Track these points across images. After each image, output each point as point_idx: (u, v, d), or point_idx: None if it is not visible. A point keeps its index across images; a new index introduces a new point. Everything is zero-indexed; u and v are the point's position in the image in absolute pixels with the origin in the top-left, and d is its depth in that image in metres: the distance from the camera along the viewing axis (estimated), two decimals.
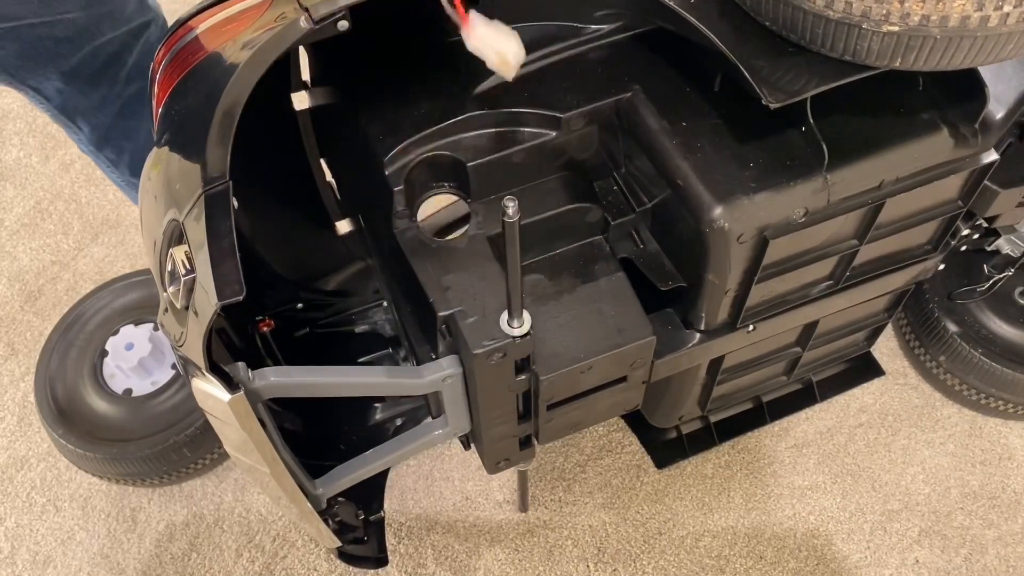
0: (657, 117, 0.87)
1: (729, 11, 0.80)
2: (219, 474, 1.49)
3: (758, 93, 0.74)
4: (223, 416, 0.78)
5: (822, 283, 1.00)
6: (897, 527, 1.41)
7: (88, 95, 1.17)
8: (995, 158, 0.91)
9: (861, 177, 0.86)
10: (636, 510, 1.43)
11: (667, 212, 0.90)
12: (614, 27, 0.92)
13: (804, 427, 1.50)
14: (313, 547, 1.41)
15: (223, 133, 0.76)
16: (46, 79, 1.13)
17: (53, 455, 1.51)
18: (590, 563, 1.38)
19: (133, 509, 1.47)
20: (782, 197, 0.83)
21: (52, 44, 1.07)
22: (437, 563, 1.39)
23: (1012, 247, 1.32)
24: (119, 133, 1.25)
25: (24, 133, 1.97)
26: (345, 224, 1.26)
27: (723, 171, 0.83)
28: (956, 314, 1.44)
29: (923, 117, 0.87)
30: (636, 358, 0.90)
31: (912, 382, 1.54)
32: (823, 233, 0.90)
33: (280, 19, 0.79)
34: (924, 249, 1.03)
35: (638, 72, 0.90)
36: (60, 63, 1.10)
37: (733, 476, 1.45)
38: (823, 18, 0.71)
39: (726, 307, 0.95)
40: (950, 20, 0.67)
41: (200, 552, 1.42)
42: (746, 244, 0.85)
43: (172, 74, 0.88)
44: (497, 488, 1.46)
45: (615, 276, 0.89)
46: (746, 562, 1.38)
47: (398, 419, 1.24)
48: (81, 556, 1.43)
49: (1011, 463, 1.46)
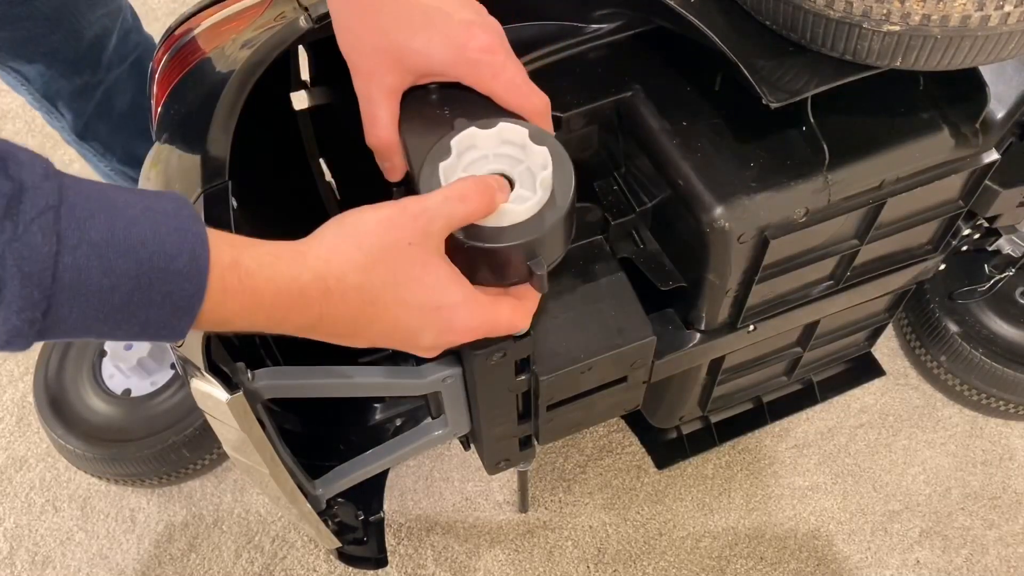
0: (657, 117, 0.87)
1: (729, 10, 0.80)
2: (218, 475, 1.48)
3: (758, 93, 0.74)
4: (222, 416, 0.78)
5: (823, 283, 1.00)
6: (898, 527, 1.40)
7: (70, 79, 1.17)
8: (996, 158, 0.90)
9: (862, 177, 0.85)
10: (636, 511, 1.43)
11: (667, 212, 0.90)
12: (614, 27, 0.91)
13: (805, 427, 1.50)
14: (312, 547, 1.41)
15: (222, 132, 0.76)
16: (28, 61, 1.12)
17: (52, 455, 1.51)
18: (590, 564, 1.38)
19: (132, 509, 1.46)
20: (783, 197, 0.83)
21: (32, 24, 1.07)
22: (437, 564, 1.39)
23: (1013, 247, 1.32)
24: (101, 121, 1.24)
25: (24, 133, 1.96)
26: None
27: (723, 171, 0.83)
28: (957, 314, 1.44)
29: (924, 117, 0.87)
30: (636, 358, 0.90)
31: (913, 382, 1.54)
32: (824, 233, 0.90)
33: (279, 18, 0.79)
34: (925, 249, 1.03)
35: (638, 72, 0.90)
36: (41, 43, 1.10)
37: (734, 477, 1.45)
38: (823, 17, 0.71)
39: (727, 307, 0.94)
40: (951, 20, 0.67)
41: (199, 552, 1.42)
42: (747, 244, 0.84)
43: (171, 73, 0.88)
44: (497, 489, 1.45)
45: (615, 276, 0.89)
46: (747, 563, 1.38)
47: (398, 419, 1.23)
48: (80, 556, 1.43)
49: (1012, 463, 1.46)
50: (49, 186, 0.44)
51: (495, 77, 0.65)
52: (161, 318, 0.49)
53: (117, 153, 1.31)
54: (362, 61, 0.64)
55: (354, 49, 0.64)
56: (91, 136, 1.27)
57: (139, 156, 0.86)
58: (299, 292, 0.54)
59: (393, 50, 0.63)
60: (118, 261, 0.46)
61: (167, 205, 0.49)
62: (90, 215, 0.45)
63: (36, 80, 1.16)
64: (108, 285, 0.46)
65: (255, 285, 0.52)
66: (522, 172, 0.65)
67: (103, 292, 0.46)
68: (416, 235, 0.57)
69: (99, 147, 1.29)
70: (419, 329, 0.60)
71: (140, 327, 0.49)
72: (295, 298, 0.54)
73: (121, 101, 1.24)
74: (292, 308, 0.55)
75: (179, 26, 0.91)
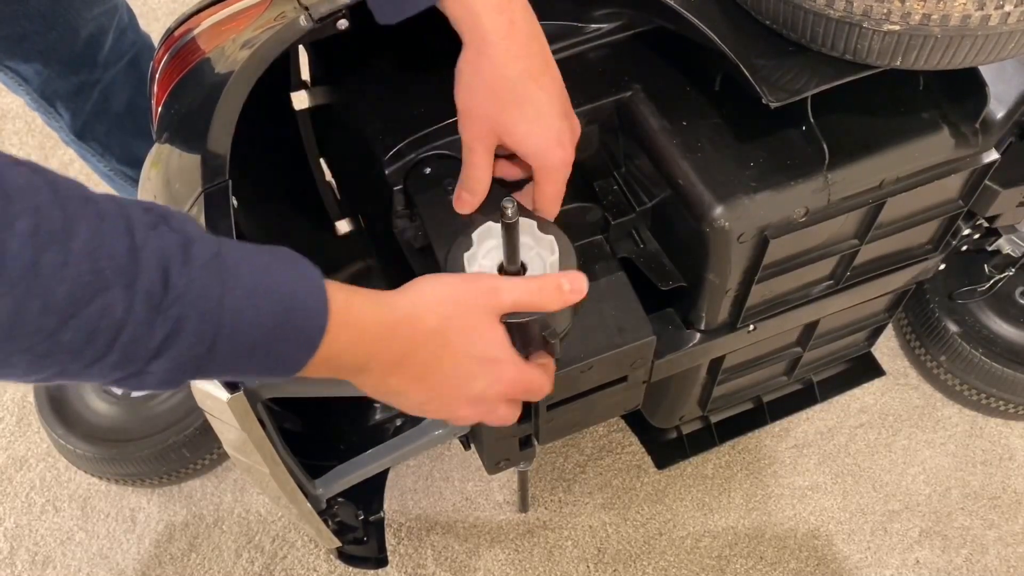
0: (657, 116, 0.87)
1: (729, 10, 0.80)
2: (218, 475, 1.48)
3: (758, 92, 0.74)
4: (222, 416, 0.78)
5: (823, 283, 1.00)
6: (898, 527, 1.40)
7: (67, 78, 1.17)
8: (996, 158, 0.90)
9: (862, 176, 0.85)
10: (636, 510, 1.43)
11: (667, 212, 0.90)
12: (614, 26, 0.92)
13: (805, 427, 1.50)
14: (313, 547, 1.41)
15: (222, 132, 0.76)
16: (24, 60, 1.12)
17: (52, 455, 1.51)
18: (590, 563, 1.38)
19: (132, 509, 1.46)
20: (782, 196, 0.83)
21: (27, 22, 1.07)
22: (437, 563, 1.39)
23: (1013, 247, 1.32)
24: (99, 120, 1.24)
25: (24, 133, 1.96)
26: (345, 224, 1.26)
27: (723, 171, 0.83)
28: (957, 314, 1.44)
29: (923, 116, 0.87)
30: (636, 358, 0.90)
31: (913, 382, 1.54)
32: (824, 233, 0.90)
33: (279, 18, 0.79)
34: (925, 249, 1.03)
35: (638, 71, 0.90)
36: (37, 41, 1.10)
37: (733, 476, 1.45)
38: (824, 17, 0.71)
39: (726, 307, 0.95)
40: (951, 19, 0.67)
41: (199, 552, 1.42)
42: (746, 244, 0.85)
43: (172, 73, 0.88)
44: (497, 489, 1.45)
45: (615, 276, 0.89)
46: (746, 562, 1.38)
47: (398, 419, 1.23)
48: (80, 556, 1.43)
49: (1012, 463, 1.46)
50: (209, 237, 0.52)
51: (552, 183, 0.77)
52: (288, 351, 0.56)
53: (115, 153, 1.31)
54: (473, 119, 0.75)
55: (469, 109, 0.75)
56: (89, 136, 1.27)
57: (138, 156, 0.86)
58: (392, 326, 0.63)
59: (499, 125, 0.75)
60: (263, 302, 0.53)
61: (285, 254, 0.57)
62: (239, 262, 0.53)
63: (33, 80, 1.16)
64: (256, 323, 0.53)
65: (362, 320, 0.61)
66: (532, 257, 0.76)
67: (252, 329, 0.53)
68: (486, 301, 0.67)
69: (97, 147, 1.29)
70: (475, 376, 0.69)
71: (272, 362, 0.56)
72: (389, 330, 0.63)
73: (118, 100, 1.24)
74: (386, 341, 0.63)
75: (179, 26, 0.91)
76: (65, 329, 0.46)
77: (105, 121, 1.26)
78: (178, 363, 0.51)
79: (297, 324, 0.55)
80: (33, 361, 0.47)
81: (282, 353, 0.56)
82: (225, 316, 0.51)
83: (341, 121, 1.03)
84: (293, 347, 0.56)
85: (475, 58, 0.72)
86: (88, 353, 0.47)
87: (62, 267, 0.44)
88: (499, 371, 0.70)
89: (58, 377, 0.49)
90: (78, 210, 0.46)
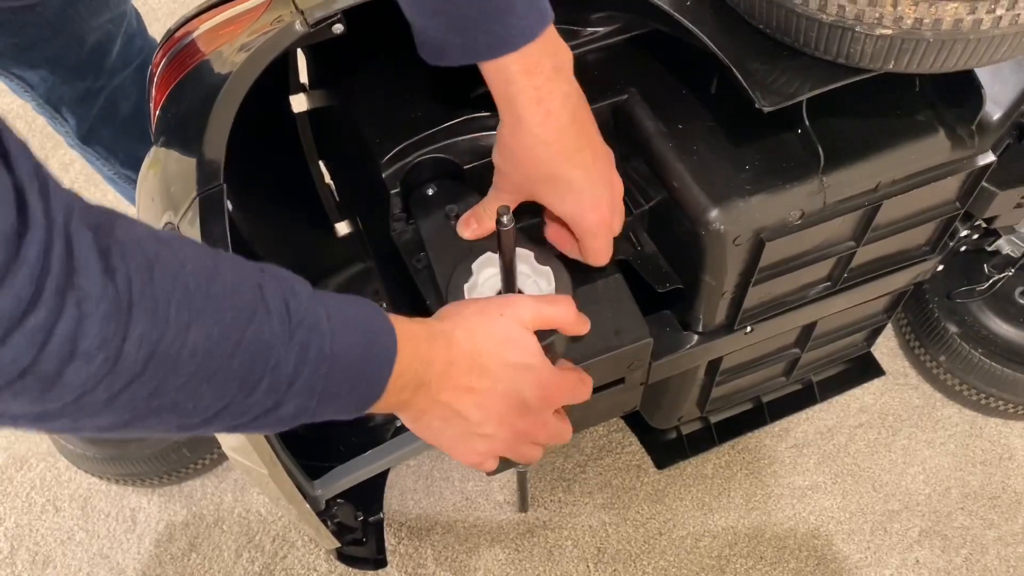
0: (653, 120, 0.87)
1: (723, 14, 0.80)
2: (219, 474, 1.49)
3: (752, 96, 0.74)
4: None
5: (820, 284, 1.00)
6: (897, 527, 1.41)
7: (73, 84, 1.17)
8: (992, 159, 0.90)
9: (857, 179, 0.86)
10: (636, 510, 1.43)
11: (664, 214, 0.90)
12: (610, 30, 0.92)
13: (804, 427, 1.50)
14: (313, 547, 1.41)
15: (218, 136, 0.77)
16: (31, 67, 1.13)
17: (53, 455, 1.52)
18: (590, 563, 1.39)
19: (133, 509, 1.47)
20: (778, 199, 0.83)
21: (34, 30, 1.07)
22: (437, 563, 1.39)
23: (1012, 247, 1.32)
24: (105, 125, 1.25)
25: (24, 133, 1.96)
26: (344, 226, 1.26)
27: (719, 173, 0.83)
28: (956, 314, 1.44)
29: (919, 119, 0.87)
30: (633, 360, 0.90)
31: (912, 382, 1.54)
32: (820, 235, 0.90)
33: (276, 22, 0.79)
34: (922, 250, 1.03)
35: (634, 75, 0.90)
36: (43, 49, 1.10)
37: (733, 476, 1.46)
38: (816, 21, 0.71)
39: (723, 309, 0.95)
40: (943, 23, 0.67)
41: (200, 552, 1.43)
42: (742, 246, 0.85)
43: (170, 76, 0.89)
44: (497, 488, 1.46)
45: (612, 278, 0.89)
46: (746, 562, 1.38)
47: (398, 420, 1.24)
48: (81, 556, 1.43)
49: (1012, 463, 1.46)
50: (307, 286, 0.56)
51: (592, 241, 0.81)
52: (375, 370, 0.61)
53: (120, 157, 1.31)
54: (507, 179, 0.80)
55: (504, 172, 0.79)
56: (95, 140, 1.27)
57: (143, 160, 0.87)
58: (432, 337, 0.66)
59: (532, 194, 0.79)
60: (353, 329, 0.58)
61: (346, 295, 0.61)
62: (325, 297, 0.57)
63: (39, 86, 1.16)
64: (353, 345, 0.57)
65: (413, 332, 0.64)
66: (529, 285, 0.80)
67: (351, 350, 0.57)
68: (506, 310, 0.71)
69: (103, 151, 1.29)
70: (520, 385, 0.71)
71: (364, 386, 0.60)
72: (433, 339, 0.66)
73: (125, 106, 1.24)
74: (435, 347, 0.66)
75: (178, 29, 0.92)
76: (237, 352, 0.50)
77: (111, 126, 1.26)
78: (306, 390, 0.55)
79: (379, 343, 0.60)
80: (212, 393, 0.50)
81: (371, 374, 0.60)
82: (334, 343, 0.55)
83: (339, 124, 1.03)
84: (377, 365, 0.60)
85: (511, 131, 0.75)
86: (250, 380, 0.51)
87: (229, 295, 0.50)
88: (537, 377, 0.72)
89: (218, 418, 0.52)
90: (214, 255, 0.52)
